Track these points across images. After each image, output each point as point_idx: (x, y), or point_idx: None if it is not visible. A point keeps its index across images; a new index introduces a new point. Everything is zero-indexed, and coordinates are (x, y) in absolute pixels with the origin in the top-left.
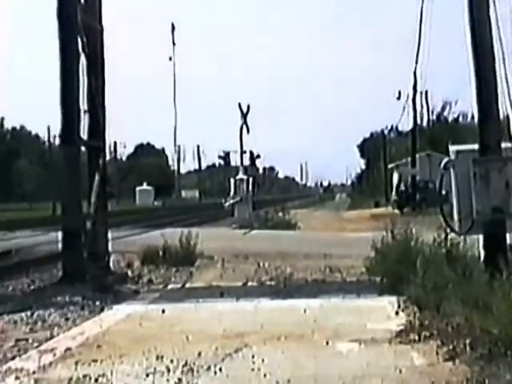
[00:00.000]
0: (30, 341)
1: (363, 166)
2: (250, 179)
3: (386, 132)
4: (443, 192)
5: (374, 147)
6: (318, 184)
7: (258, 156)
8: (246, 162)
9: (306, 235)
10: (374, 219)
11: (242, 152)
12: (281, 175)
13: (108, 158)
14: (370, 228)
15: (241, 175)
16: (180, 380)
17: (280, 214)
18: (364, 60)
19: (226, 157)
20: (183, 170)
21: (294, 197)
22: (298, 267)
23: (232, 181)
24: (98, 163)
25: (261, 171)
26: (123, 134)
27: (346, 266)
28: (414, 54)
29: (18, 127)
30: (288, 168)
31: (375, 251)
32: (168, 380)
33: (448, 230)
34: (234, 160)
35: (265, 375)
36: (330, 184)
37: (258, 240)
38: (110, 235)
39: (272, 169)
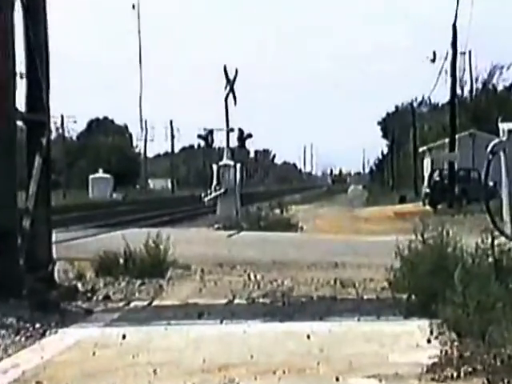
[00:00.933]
0: None
1: (385, 150)
2: (238, 165)
3: (415, 105)
4: (490, 183)
5: (399, 125)
6: (327, 172)
7: (249, 135)
8: (233, 143)
9: (310, 239)
10: (398, 218)
11: (228, 130)
12: (278, 161)
13: (53, 136)
14: (394, 230)
15: (226, 160)
16: None
17: (277, 211)
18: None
19: (207, 136)
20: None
21: (295, 189)
22: (299, 280)
23: (215, 167)
24: (39, 143)
25: (252, 155)
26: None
27: (363, 279)
28: (454, 1)
29: None
30: (287, 151)
31: (400, 260)
32: None
33: (496, 233)
34: (218, 140)
35: None
36: (341, 172)
37: (248, 244)
38: (54, 237)
39: (267, 152)
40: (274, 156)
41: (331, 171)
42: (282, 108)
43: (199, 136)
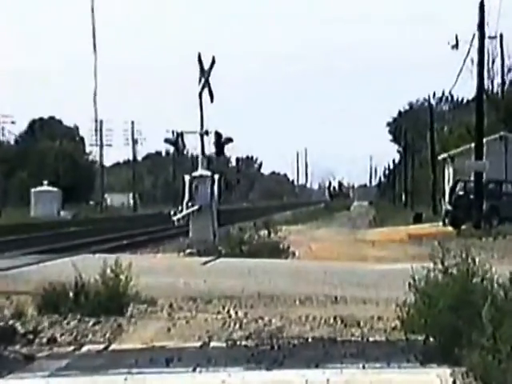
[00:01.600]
0: None
1: (397, 157)
2: (216, 177)
3: (434, 102)
4: None
5: (414, 126)
6: (324, 185)
7: (229, 140)
8: (210, 149)
9: (304, 267)
10: (413, 242)
11: (203, 133)
12: (265, 170)
13: None
14: (408, 256)
15: (201, 170)
16: None
17: (263, 233)
18: None
19: (176, 141)
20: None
21: (286, 205)
22: (291, 318)
23: (187, 179)
24: None
25: (233, 164)
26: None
27: (369, 317)
28: None
29: None
30: (277, 160)
31: (416, 294)
32: None
33: None
34: (191, 146)
35: None
36: (341, 185)
37: (228, 274)
38: None
39: (251, 160)
40: (261, 165)
41: (329, 184)
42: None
43: (167, 140)
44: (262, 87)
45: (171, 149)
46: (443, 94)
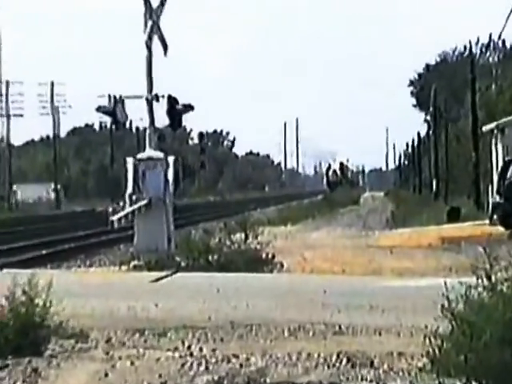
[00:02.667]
0: None
1: (423, 130)
2: (171, 159)
3: (475, 51)
4: None
5: (447, 86)
6: (322, 169)
7: (189, 107)
8: (162, 121)
9: (295, 283)
10: (447, 248)
11: (152, 98)
12: (240, 150)
13: None
14: (440, 268)
15: (149, 151)
16: None
17: (238, 237)
18: None
19: (114, 110)
20: (19, 139)
21: (270, 197)
22: (278, 355)
23: (130, 163)
24: None
25: (195, 141)
26: None
27: (386, 354)
28: None
29: None
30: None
31: (452, 320)
32: None
33: None
34: (135, 117)
35: None
36: (344, 168)
37: (189, 295)
38: None
39: (220, 136)
40: (234, 142)
41: (328, 167)
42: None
43: (100, 109)
44: (238, 37)
45: (107, 120)
46: (490, 39)
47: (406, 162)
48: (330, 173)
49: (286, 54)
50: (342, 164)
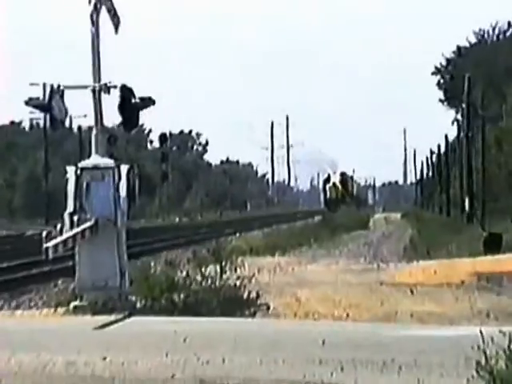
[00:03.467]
0: None
1: (452, 132)
2: (124, 168)
3: None
4: None
5: (485, 75)
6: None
7: (149, 102)
8: (113, 119)
9: (286, 332)
10: (484, 286)
11: (100, 89)
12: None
13: None
14: (475, 313)
15: (96, 157)
16: None
17: (212, 271)
18: None
19: (49, 103)
20: None
21: (253, 218)
22: None
23: (71, 173)
24: None
25: (155, 145)
26: None
27: None
28: None
29: None
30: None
31: (489, 381)
32: None
33: None
34: (77, 113)
35: None
36: (346, 181)
37: (147, 346)
38: None
39: (189, 138)
40: (206, 147)
41: (326, 179)
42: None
43: (31, 102)
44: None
45: (41, 117)
46: None
47: (430, 174)
48: (329, 187)
49: (273, 39)
50: (343, 175)
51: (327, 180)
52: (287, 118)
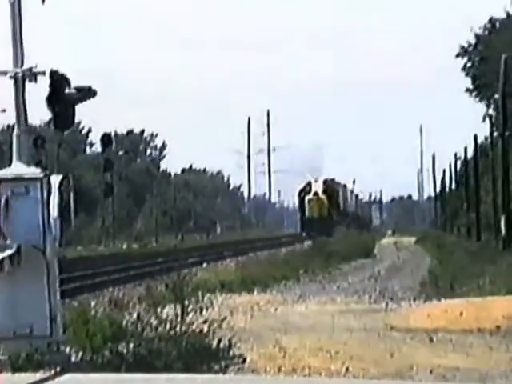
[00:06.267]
0: None
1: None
2: (55, 179)
3: None
4: None
5: None
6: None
7: (88, 93)
8: (41, 115)
9: None
10: None
11: (24, 76)
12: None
13: None
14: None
15: (17, 165)
16: None
17: (171, 313)
18: None
19: None
20: None
21: (224, 244)
22: None
23: None
24: None
25: (97, 150)
26: None
27: None
28: None
29: None
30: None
31: None
32: None
33: None
34: None
35: None
36: (332, 190)
37: None
38: None
39: (142, 140)
40: (163, 150)
41: (305, 189)
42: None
43: None
44: None
45: None
46: None
47: (454, 186)
48: (308, 199)
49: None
50: (329, 182)
51: (304, 190)
52: (268, 114)
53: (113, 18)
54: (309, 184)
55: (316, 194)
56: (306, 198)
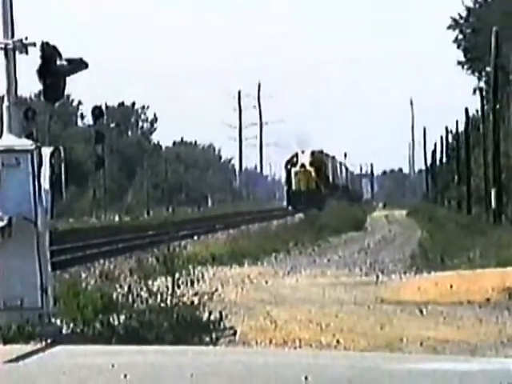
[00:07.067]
0: None
1: (473, 105)
2: (47, 151)
3: None
4: None
5: None
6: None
7: (79, 64)
8: (31, 87)
9: (255, 363)
10: None
11: (14, 47)
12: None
13: None
14: (502, 338)
15: (9, 137)
16: None
17: (161, 285)
18: None
19: None
20: None
21: (215, 217)
22: None
23: None
24: None
25: (88, 122)
26: None
27: None
28: None
29: None
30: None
31: None
32: None
33: None
34: None
35: None
36: (320, 162)
37: None
38: None
39: (132, 112)
40: (154, 123)
41: (291, 160)
42: None
43: None
44: None
45: None
46: None
47: (445, 159)
48: (295, 172)
49: None
50: (316, 154)
51: (291, 162)
52: (259, 86)
53: None
54: (296, 156)
55: (303, 165)
56: (293, 170)
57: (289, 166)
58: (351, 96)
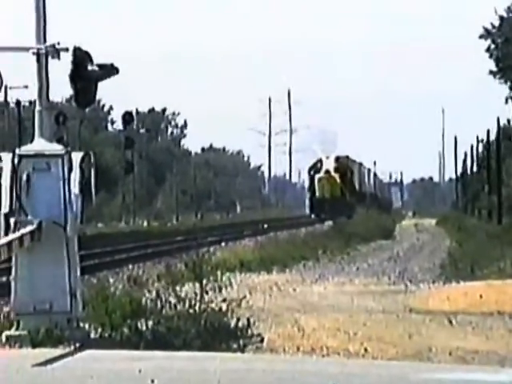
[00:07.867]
0: None
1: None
2: (77, 156)
3: None
4: None
5: None
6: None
7: (111, 70)
8: (63, 92)
9: (282, 371)
10: None
11: (47, 52)
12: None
13: None
14: None
15: (40, 141)
16: None
17: (189, 291)
18: None
19: None
20: None
21: (244, 223)
22: None
23: (6, 162)
24: None
25: (117, 126)
26: None
27: None
28: None
29: None
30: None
31: None
32: None
33: None
34: (17, 83)
35: None
36: (346, 168)
37: None
38: None
39: (163, 118)
40: (184, 129)
41: (315, 165)
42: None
43: None
44: None
45: None
46: None
47: (476, 169)
48: (318, 178)
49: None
50: (339, 159)
51: (315, 167)
52: (289, 93)
53: None
54: (320, 161)
55: (327, 171)
56: (316, 176)
57: (312, 172)
58: (381, 103)
